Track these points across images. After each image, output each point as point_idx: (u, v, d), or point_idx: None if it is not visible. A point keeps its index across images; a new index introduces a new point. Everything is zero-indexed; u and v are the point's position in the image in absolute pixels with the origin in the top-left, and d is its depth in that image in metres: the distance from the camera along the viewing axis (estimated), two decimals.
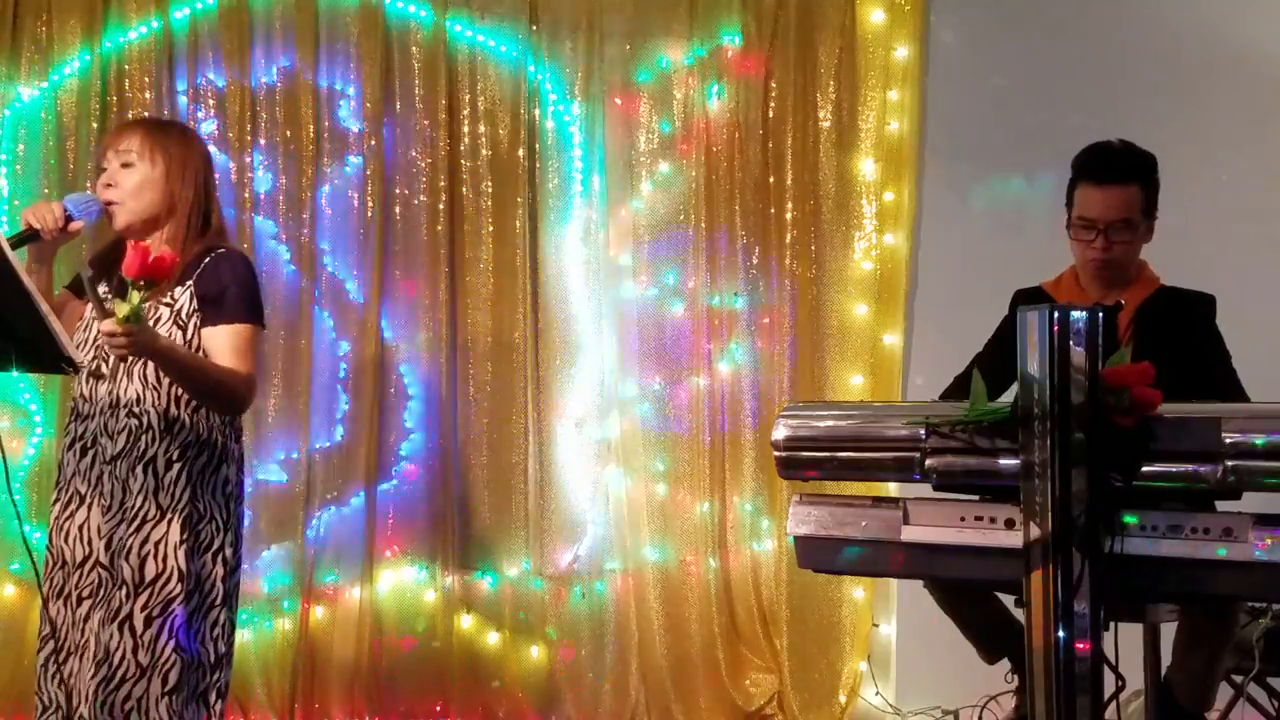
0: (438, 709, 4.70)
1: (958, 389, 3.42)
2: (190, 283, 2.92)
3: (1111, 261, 3.35)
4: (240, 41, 4.69)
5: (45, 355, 2.64)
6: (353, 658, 4.66)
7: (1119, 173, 3.33)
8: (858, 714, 4.87)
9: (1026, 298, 3.46)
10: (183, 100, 4.67)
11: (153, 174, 2.93)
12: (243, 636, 4.58)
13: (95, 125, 4.62)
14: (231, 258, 2.98)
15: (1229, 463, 2.41)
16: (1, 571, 4.59)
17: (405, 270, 4.81)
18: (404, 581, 4.77)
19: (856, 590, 4.93)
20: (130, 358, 2.83)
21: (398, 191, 4.81)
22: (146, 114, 4.58)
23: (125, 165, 2.93)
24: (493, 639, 4.81)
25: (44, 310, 2.60)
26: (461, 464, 4.80)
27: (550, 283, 4.90)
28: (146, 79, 4.66)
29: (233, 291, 2.91)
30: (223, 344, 2.90)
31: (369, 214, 4.76)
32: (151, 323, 2.85)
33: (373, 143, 4.77)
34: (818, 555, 2.83)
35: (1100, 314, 2.50)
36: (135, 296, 2.62)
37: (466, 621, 4.79)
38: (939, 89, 5.04)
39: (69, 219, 2.89)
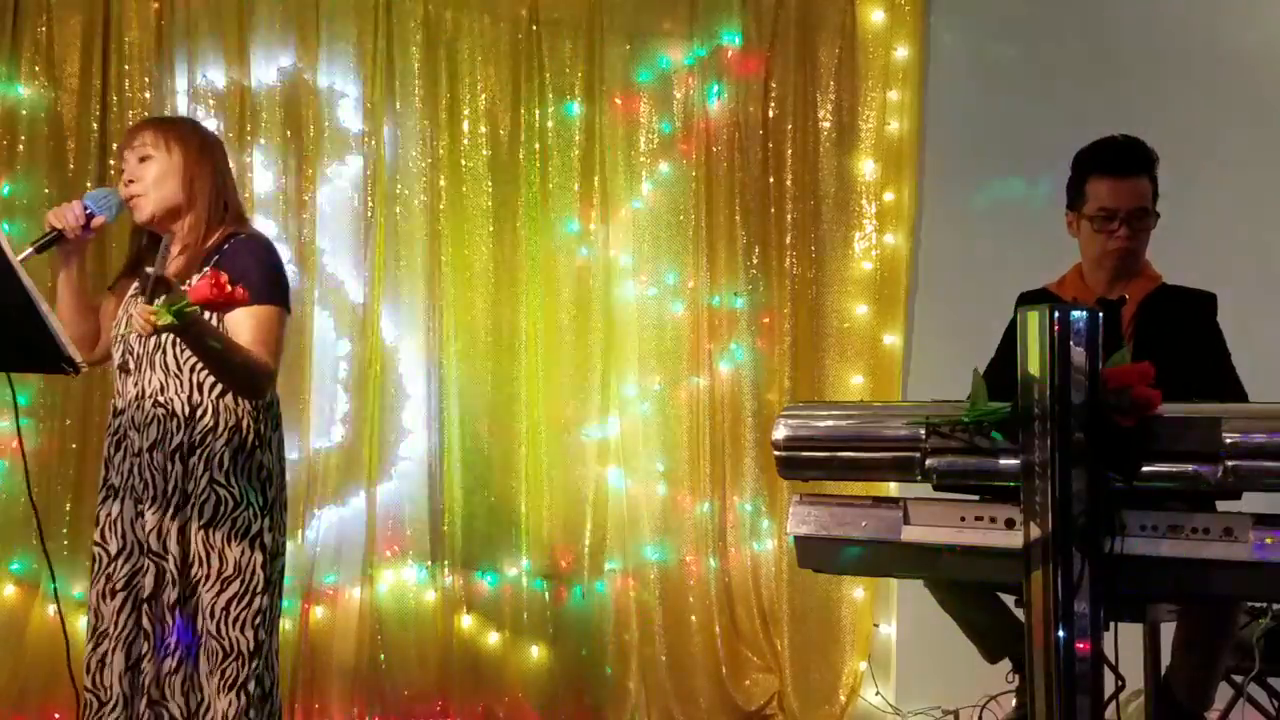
0: (438, 709, 4.70)
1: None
2: (209, 269, 2.90)
3: (1133, 250, 3.39)
4: (240, 41, 4.69)
5: (45, 355, 2.65)
6: (353, 658, 4.66)
7: (1133, 164, 3.39)
8: (858, 714, 4.88)
9: (1031, 300, 3.46)
10: (183, 100, 4.66)
11: (171, 163, 2.96)
12: None
13: (95, 125, 4.61)
14: (252, 241, 2.99)
15: (1229, 463, 2.41)
16: (1, 571, 4.58)
17: (405, 270, 4.81)
18: (404, 581, 4.77)
19: (856, 590, 4.93)
20: (150, 350, 2.90)
21: (398, 191, 4.81)
22: (147, 115, 4.58)
23: (143, 159, 2.97)
24: (493, 639, 4.81)
25: (44, 310, 2.60)
26: (461, 464, 4.80)
27: (550, 283, 4.90)
28: (146, 79, 4.65)
29: (253, 275, 2.90)
30: (245, 328, 2.89)
31: (369, 214, 4.76)
32: None
33: (373, 143, 4.77)
34: (818, 555, 2.82)
35: (1100, 314, 2.50)
36: (178, 306, 2.61)
37: (466, 621, 4.79)
38: (939, 89, 5.04)
39: (90, 216, 2.92)
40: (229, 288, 2.65)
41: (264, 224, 4.70)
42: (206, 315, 2.87)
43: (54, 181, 4.62)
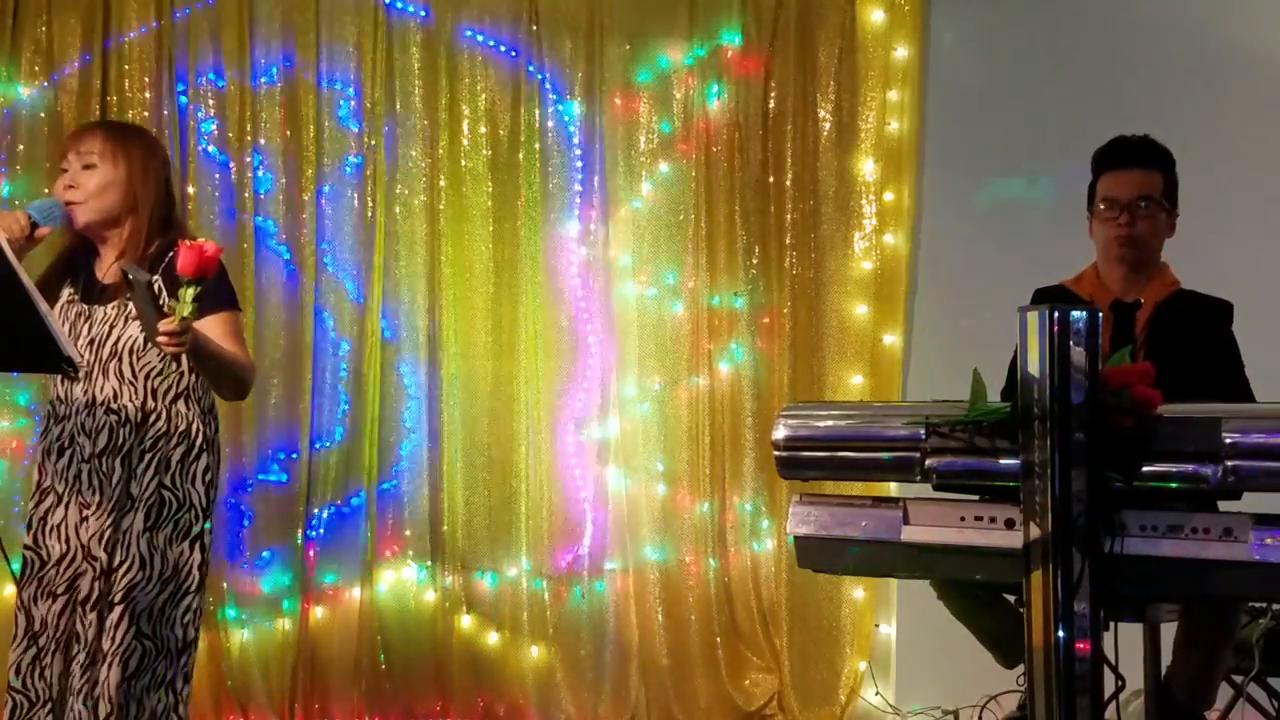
0: (438, 709, 4.70)
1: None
2: (158, 275, 2.98)
3: (1136, 239, 3.38)
4: (240, 41, 4.68)
5: (45, 355, 2.66)
6: (353, 658, 4.66)
7: (1138, 158, 3.42)
8: (858, 714, 4.88)
9: (1047, 296, 3.45)
10: (183, 100, 4.66)
11: (115, 175, 3.02)
12: (242, 636, 4.59)
13: None
14: None
15: (1229, 463, 2.41)
16: (1, 570, 4.58)
17: (405, 270, 4.81)
18: (404, 581, 4.77)
19: (856, 590, 4.93)
20: (104, 357, 2.95)
21: (398, 191, 4.81)
22: (147, 115, 4.59)
23: (87, 167, 3.02)
24: (493, 639, 4.81)
25: (44, 310, 2.61)
26: (461, 464, 4.80)
27: (550, 283, 4.90)
28: (146, 79, 4.64)
29: (211, 283, 2.96)
30: (218, 333, 2.97)
31: (369, 214, 4.76)
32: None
33: (373, 143, 4.76)
34: (818, 555, 2.82)
35: (1099, 313, 2.50)
36: (190, 294, 2.72)
37: (466, 621, 4.79)
38: (939, 89, 5.04)
39: (34, 226, 2.95)
40: (205, 249, 2.73)
41: (264, 224, 4.71)
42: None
43: (54, 182, 4.60)
